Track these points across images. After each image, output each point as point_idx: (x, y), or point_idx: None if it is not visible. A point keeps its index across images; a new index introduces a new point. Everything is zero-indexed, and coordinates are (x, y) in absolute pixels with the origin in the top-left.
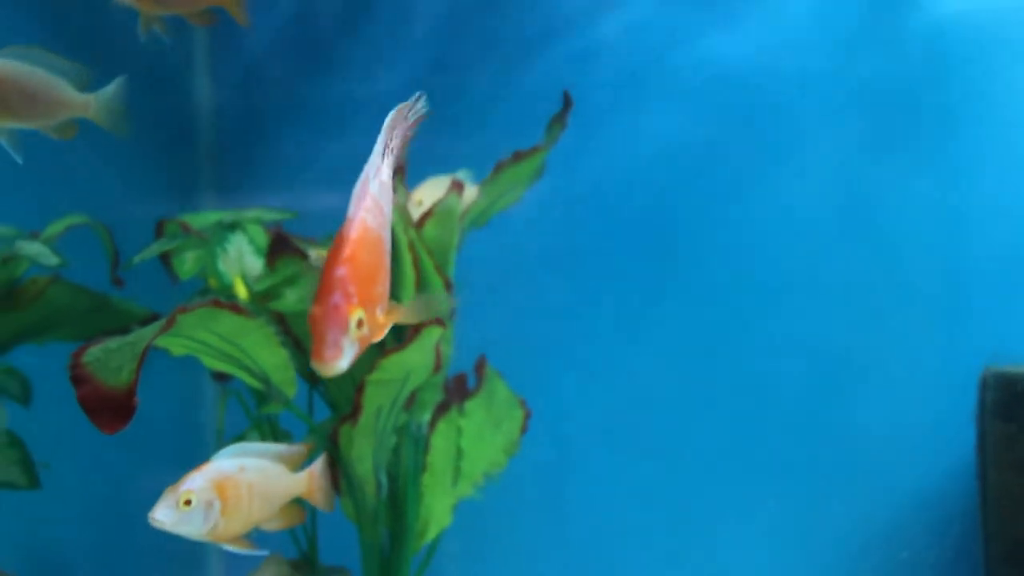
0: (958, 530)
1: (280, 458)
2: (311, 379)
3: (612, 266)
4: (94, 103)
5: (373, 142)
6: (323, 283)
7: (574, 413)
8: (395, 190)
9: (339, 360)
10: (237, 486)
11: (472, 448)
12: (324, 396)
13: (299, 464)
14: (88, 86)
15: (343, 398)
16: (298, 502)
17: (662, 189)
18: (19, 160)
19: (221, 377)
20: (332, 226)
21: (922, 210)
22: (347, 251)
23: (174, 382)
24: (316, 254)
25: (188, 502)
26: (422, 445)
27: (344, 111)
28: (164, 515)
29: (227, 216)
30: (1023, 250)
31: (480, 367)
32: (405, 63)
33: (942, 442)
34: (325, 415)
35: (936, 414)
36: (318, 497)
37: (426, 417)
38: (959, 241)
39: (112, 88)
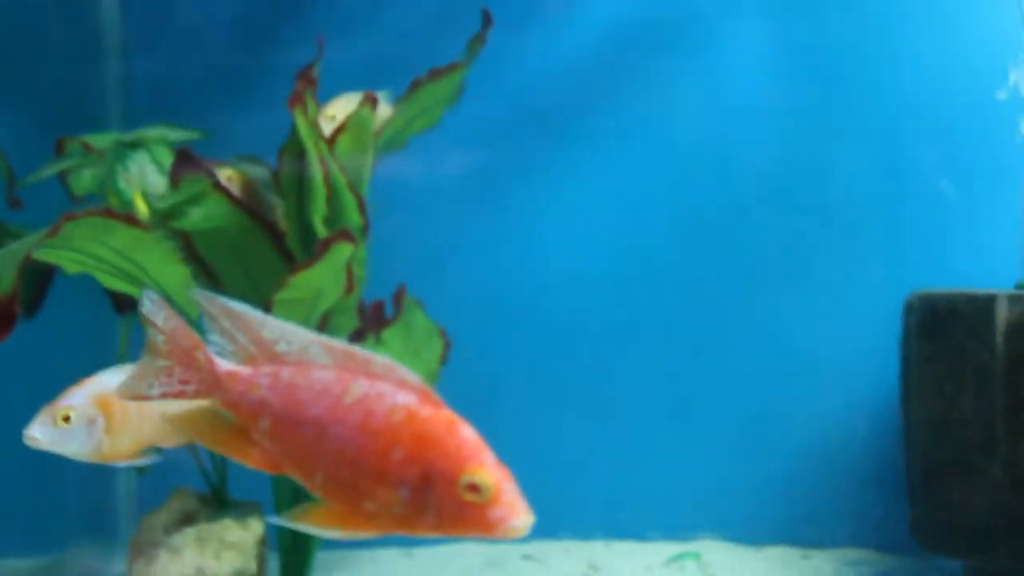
0: (885, 449)
1: None
2: None
3: (535, 188)
4: None
5: None
6: (467, 449)
7: (500, 344)
8: (307, 105)
9: None
10: (124, 402)
11: None
12: None
13: None
14: None
15: None
16: None
17: (583, 105)
18: None
19: (124, 307)
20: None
21: (854, 151)
22: (448, 411)
23: (81, 317)
24: (226, 175)
25: (67, 419)
26: None
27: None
28: (40, 432)
29: (129, 135)
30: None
31: (399, 296)
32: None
33: (872, 366)
34: None
35: (869, 340)
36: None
37: None
38: (892, 180)
39: None
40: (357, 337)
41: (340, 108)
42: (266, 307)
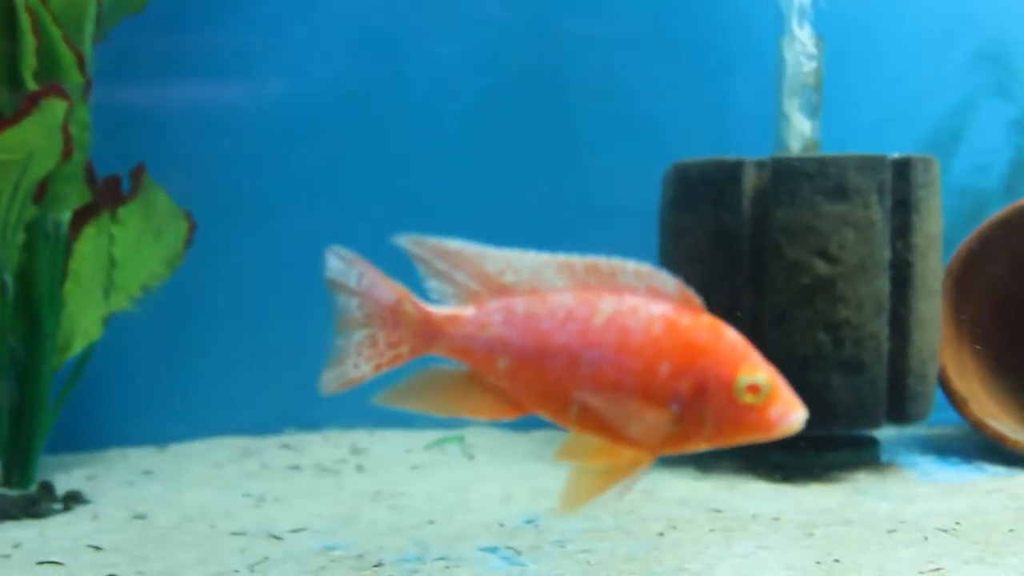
0: None
1: None
2: None
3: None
4: None
5: None
6: (738, 350)
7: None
8: None
9: None
10: None
11: (128, 258)
12: None
13: None
14: None
15: None
16: None
17: None
18: None
19: None
20: None
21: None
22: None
23: None
24: None
25: None
26: (62, 248)
27: None
28: None
29: None
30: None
31: (137, 173)
32: None
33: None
34: None
35: (634, 221)
36: None
37: (65, 216)
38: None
39: None
40: (88, 212)
41: None
42: None
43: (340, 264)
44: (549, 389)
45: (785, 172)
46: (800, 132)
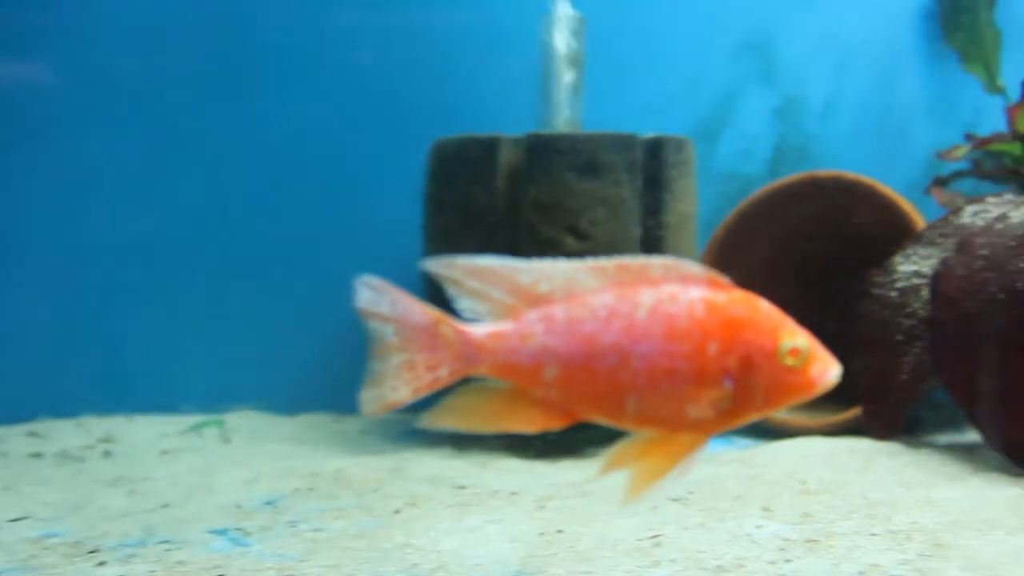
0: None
1: None
2: None
3: None
4: None
5: None
6: (775, 317)
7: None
8: None
9: None
10: None
11: None
12: None
13: None
14: None
15: None
16: None
17: None
18: None
19: None
20: None
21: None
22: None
23: None
24: None
25: None
26: None
27: None
28: None
29: None
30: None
31: None
32: None
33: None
34: None
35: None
36: None
37: None
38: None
39: None
40: None
41: None
42: None
43: (371, 293)
44: (602, 391)
45: (539, 149)
46: (559, 112)
